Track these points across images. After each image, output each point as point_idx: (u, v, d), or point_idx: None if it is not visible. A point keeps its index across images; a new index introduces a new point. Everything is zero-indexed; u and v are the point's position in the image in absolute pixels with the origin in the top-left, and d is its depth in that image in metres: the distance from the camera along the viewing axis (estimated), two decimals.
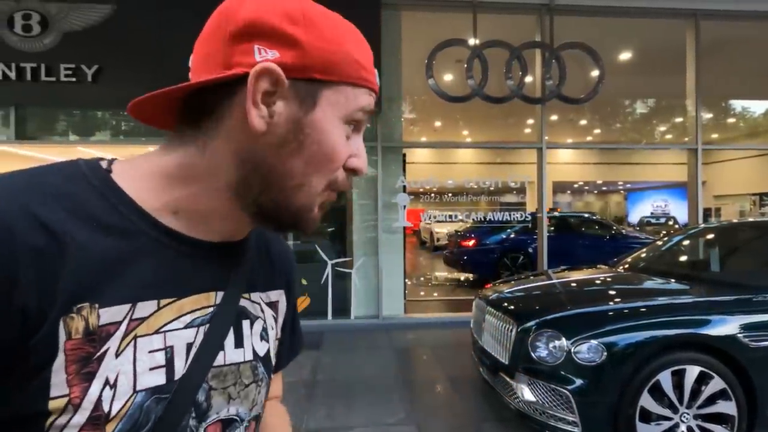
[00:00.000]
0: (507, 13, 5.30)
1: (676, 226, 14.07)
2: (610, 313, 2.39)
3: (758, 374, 2.19)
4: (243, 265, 0.50)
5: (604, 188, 20.31)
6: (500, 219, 6.33)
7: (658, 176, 14.34)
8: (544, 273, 4.27)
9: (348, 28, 0.46)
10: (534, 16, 5.32)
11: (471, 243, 7.44)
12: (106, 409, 0.37)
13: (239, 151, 0.43)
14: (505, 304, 2.82)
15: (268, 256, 0.58)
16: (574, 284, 3.17)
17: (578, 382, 2.20)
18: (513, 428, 2.73)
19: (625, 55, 6.67)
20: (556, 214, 9.17)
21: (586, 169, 16.67)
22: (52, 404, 0.36)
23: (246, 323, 0.50)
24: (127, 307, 0.39)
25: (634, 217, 18.26)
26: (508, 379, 2.52)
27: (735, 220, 3.88)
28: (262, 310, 0.54)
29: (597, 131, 12.10)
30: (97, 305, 0.38)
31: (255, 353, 0.50)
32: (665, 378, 2.18)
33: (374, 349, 4.27)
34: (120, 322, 0.39)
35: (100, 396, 0.37)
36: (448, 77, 6.03)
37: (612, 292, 2.92)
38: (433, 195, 5.90)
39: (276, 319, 0.57)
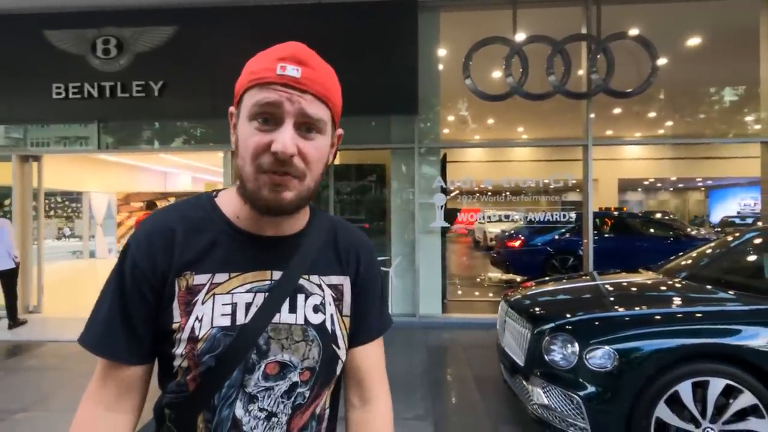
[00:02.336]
0: (550, 7, 5.12)
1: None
2: (626, 319, 2.28)
3: None
4: (302, 253, 0.69)
5: (680, 185, 18.56)
6: (548, 219, 6.12)
7: (742, 172, 12.83)
8: (587, 275, 4.10)
9: (262, 53, 0.63)
10: (579, 7, 5.09)
11: (517, 243, 7.24)
12: (197, 333, 0.62)
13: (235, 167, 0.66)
14: (525, 306, 2.78)
15: (335, 248, 0.75)
16: (602, 288, 3.04)
17: (590, 388, 2.15)
18: None
19: (689, 42, 6.12)
20: (613, 213, 8.57)
21: (658, 165, 15.34)
22: (174, 325, 0.63)
23: (301, 297, 0.68)
24: (209, 275, 0.65)
25: (716, 217, 16.48)
26: (524, 382, 2.51)
27: None
28: (322, 290, 0.71)
29: (668, 123, 11.13)
30: (193, 273, 0.64)
31: (306, 320, 0.68)
32: (685, 389, 2.05)
33: (407, 347, 4.36)
34: (204, 285, 0.64)
35: (193, 325, 0.63)
36: (487, 75, 5.94)
37: (638, 297, 2.76)
38: (484, 194, 5.84)
39: (337, 299, 0.72)
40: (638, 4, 5.07)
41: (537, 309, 2.71)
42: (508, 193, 5.92)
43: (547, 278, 3.81)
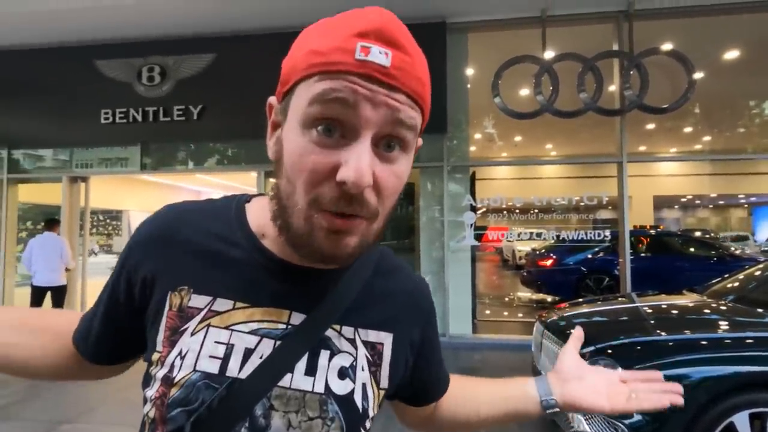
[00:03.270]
0: (580, 24, 5.12)
1: None
2: (670, 344, 2.19)
3: None
4: (338, 293, 0.49)
5: (720, 202, 17.75)
6: (581, 238, 5.97)
7: None
8: (624, 296, 3.96)
9: (329, 21, 0.42)
10: (611, 24, 5.06)
11: (549, 263, 7.07)
12: (174, 373, 0.44)
13: (274, 184, 0.47)
14: (563, 327, 2.71)
15: (382, 294, 0.54)
16: (644, 310, 2.92)
17: (636, 416, 2.05)
18: None
19: (726, 55, 5.96)
20: (650, 231, 8.28)
21: (696, 181, 14.76)
22: (154, 356, 0.47)
23: (325, 354, 0.48)
24: (209, 299, 0.47)
25: (762, 235, 15.62)
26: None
27: None
28: (355, 347, 0.50)
29: (706, 138, 10.75)
30: (192, 290, 0.48)
31: (328, 387, 0.47)
32: (742, 421, 1.93)
33: None
34: (201, 309, 0.47)
35: (173, 361, 0.45)
36: (516, 94, 5.94)
37: (683, 321, 2.64)
38: (514, 212, 5.78)
39: (374, 364, 0.52)
40: (671, 19, 4.99)
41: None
42: (537, 210, 5.82)
43: (581, 299, 3.70)
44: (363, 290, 0.52)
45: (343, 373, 0.49)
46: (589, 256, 6.92)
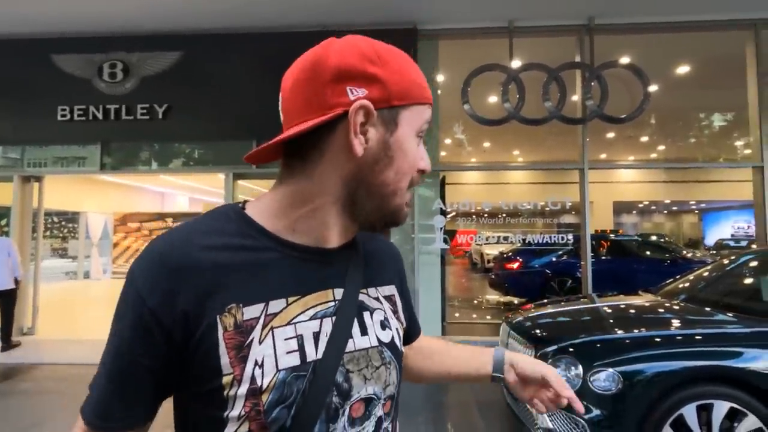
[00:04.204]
0: (544, 36, 5.32)
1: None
2: (627, 341, 2.30)
3: None
4: (356, 265, 0.60)
5: (674, 208, 18.79)
6: (546, 241, 6.17)
7: (736, 195, 13.04)
8: (586, 297, 4.12)
9: (406, 58, 0.56)
10: (573, 37, 5.28)
11: (516, 266, 7.26)
12: (259, 383, 0.48)
13: (343, 172, 0.54)
14: (527, 328, 2.80)
15: (377, 256, 0.66)
16: (603, 310, 3.06)
17: (594, 411, 2.14)
18: None
19: (679, 70, 6.35)
20: (610, 236, 8.65)
21: (652, 188, 15.58)
22: (225, 380, 0.48)
23: (367, 314, 0.59)
24: (262, 305, 0.51)
25: (711, 239, 16.64)
26: (528, 406, 2.49)
27: None
28: (381, 302, 0.62)
29: (661, 148, 11.38)
30: (241, 305, 0.50)
31: (379, 340, 0.58)
32: (690, 412, 2.06)
33: None
34: (258, 318, 0.50)
35: (253, 373, 0.48)
36: (485, 101, 6.09)
37: (639, 320, 2.78)
38: (482, 216, 5.90)
39: (395, 311, 0.65)
40: (629, 35, 5.27)
41: (539, 331, 2.72)
42: (505, 215, 5.98)
43: (545, 300, 3.83)
44: (368, 258, 0.63)
45: (383, 325, 0.60)
46: (554, 259, 7.16)
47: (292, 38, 5.18)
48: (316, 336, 0.52)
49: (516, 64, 5.15)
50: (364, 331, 0.57)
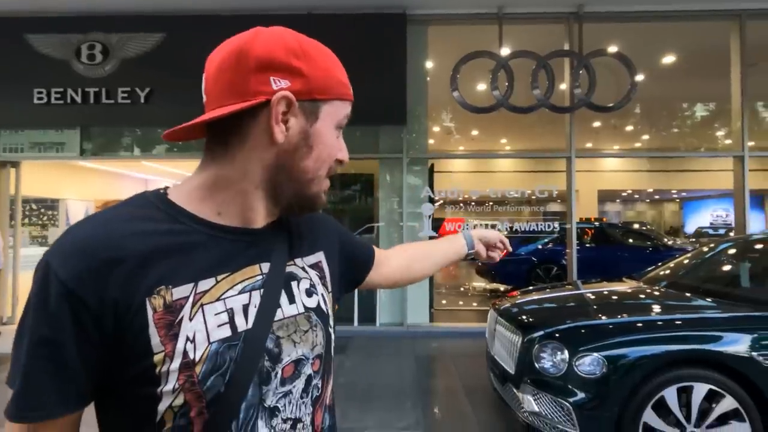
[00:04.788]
0: (534, 23, 5.30)
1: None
2: (611, 327, 2.35)
3: None
4: (281, 241, 0.64)
5: (656, 197, 19.17)
6: (533, 229, 6.24)
7: (715, 184, 13.36)
8: (571, 284, 4.20)
9: (331, 56, 0.61)
10: (562, 24, 5.27)
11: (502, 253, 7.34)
12: (191, 356, 0.51)
13: (264, 158, 0.57)
14: (515, 314, 2.83)
15: (302, 228, 0.71)
16: (588, 296, 3.12)
17: (579, 394, 2.20)
18: None
19: (665, 59, 6.40)
20: (594, 224, 8.80)
21: (635, 177, 15.82)
22: (156, 358, 0.50)
23: (294, 284, 0.64)
24: (191, 285, 0.53)
25: (691, 227, 17.07)
26: (514, 390, 2.54)
27: None
28: (306, 272, 0.67)
29: (645, 137, 11.54)
30: (171, 286, 0.52)
31: (305, 306, 0.63)
32: (671, 394, 2.12)
33: (396, 356, 4.36)
34: (187, 297, 0.53)
35: (185, 348, 0.51)
36: (474, 88, 6.07)
37: (623, 305, 2.85)
38: (470, 204, 5.93)
39: (321, 277, 0.70)
40: (617, 23, 5.28)
41: (527, 317, 2.76)
42: (492, 203, 6.02)
43: (531, 288, 3.88)
44: (294, 232, 0.68)
45: (309, 292, 0.65)
46: (540, 246, 7.26)
47: (279, 21, 4.99)
48: (245, 308, 0.56)
49: (505, 51, 5.13)
50: (291, 300, 0.62)
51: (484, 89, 5.84)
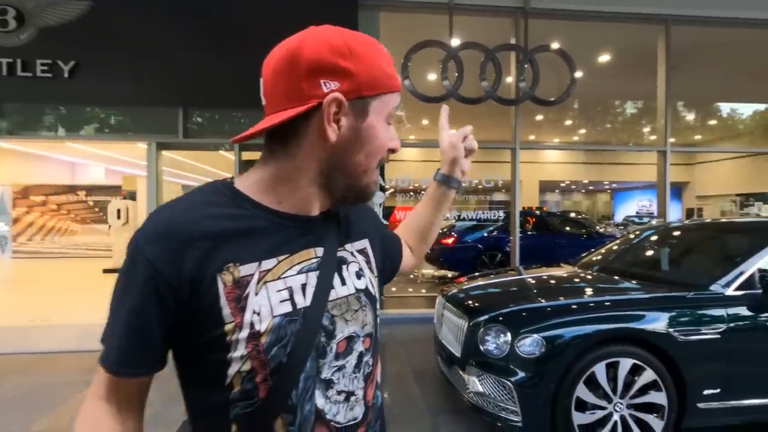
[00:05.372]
0: (483, 16, 5.40)
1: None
2: (549, 309, 2.50)
3: (687, 367, 2.32)
4: (331, 227, 0.70)
5: (591, 187, 20.55)
6: (479, 218, 6.46)
7: (641, 176, 14.55)
8: (514, 270, 4.40)
9: (377, 48, 0.63)
10: (509, 19, 5.42)
11: (450, 241, 7.55)
12: (257, 328, 0.58)
13: (319, 155, 0.62)
14: (461, 299, 2.93)
15: (350, 217, 0.77)
16: (529, 281, 3.29)
17: (520, 374, 2.32)
18: (466, 420, 2.85)
19: (601, 58, 6.81)
20: (536, 213, 9.28)
21: (573, 169, 16.86)
22: (227, 327, 0.57)
23: (345, 267, 0.70)
24: (255, 264, 0.60)
25: (620, 216, 18.52)
26: (460, 372, 2.63)
27: (688, 222, 4.02)
28: (355, 257, 0.73)
29: (582, 131, 12.29)
30: (238, 264, 0.59)
31: (356, 288, 0.69)
32: (600, 370, 2.30)
33: None
34: (252, 274, 0.59)
35: (252, 320, 0.58)
36: (424, 78, 6.12)
37: (560, 289, 3.04)
38: (420, 193, 5.99)
39: (368, 262, 0.76)
40: (559, 20, 5.52)
41: (472, 302, 2.86)
42: None
43: (477, 274, 4.03)
44: (339, 219, 0.73)
45: (358, 275, 0.71)
46: (485, 234, 7.54)
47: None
48: (304, 287, 0.62)
49: (455, 42, 5.20)
50: (343, 282, 0.68)
51: (434, 79, 5.89)
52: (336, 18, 0.74)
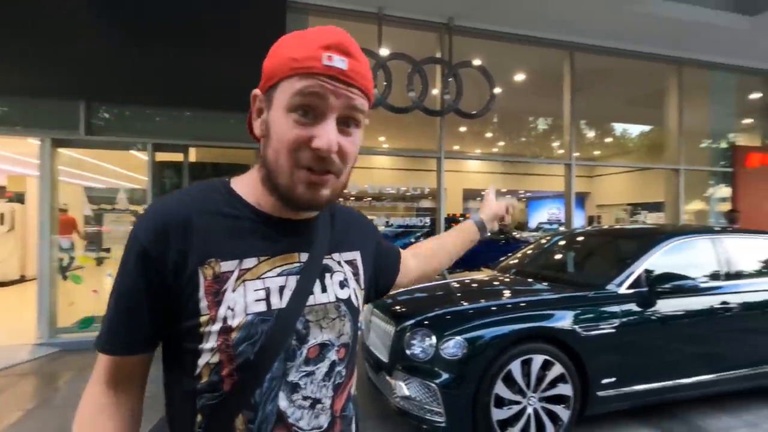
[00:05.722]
0: (410, 28, 5.58)
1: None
2: (471, 311, 2.63)
3: (589, 360, 2.56)
4: (322, 234, 0.70)
5: (509, 196, 22.11)
6: (406, 224, 6.61)
7: (551, 186, 15.98)
8: (439, 275, 4.55)
9: (295, 34, 0.61)
10: (435, 33, 5.67)
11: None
12: (230, 323, 0.59)
13: (262, 155, 0.63)
14: (389, 305, 2.96)
15: (344, 226, 0.77)
16: (453, 285, 3.43)
17: (444, 375, 2.40)
18: (392, 425, 2.87)
19: (517, 77, 7.38)
20: (459, 219, 9.74)
21: (493, 178, 18.00)
22: (202, 319, 0.59)
23: (328, 275, 0.69)
24: (236, 261, 0.61)
25: (534, 223, 20.12)
26: (387, 377, 2.65)
27: (589, 228, 4.48)
28: (342, 266, 0.72)
29: (501, 143, 13.21)
30: (219, 260, 0.61)
31: (337, 297, 0.69)
32: (516, 367, 2.46)
33: None
34: (232, 271, 0.61)
35: (225, 315, 0.59)
36: None
37: (481, 292, 3.21)
38: (348, 199, 5.98)
39: (355, 274, 0.75)
40: (480, 39, 5.88)
41: (399, 308, 2.91)
42: (371, 198, 6.21)
43: None
44: (333, 227, 0.74)
45: (342, 285, 0.71)
46: (413, 240, 7.72)
47: None
48: (281, 289, 0.63)
49: (384, 51, 5.30)
50: (324, 289, 0.68)
51: None
52: (264, 18, 0.72)
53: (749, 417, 3.00)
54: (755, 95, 7.69)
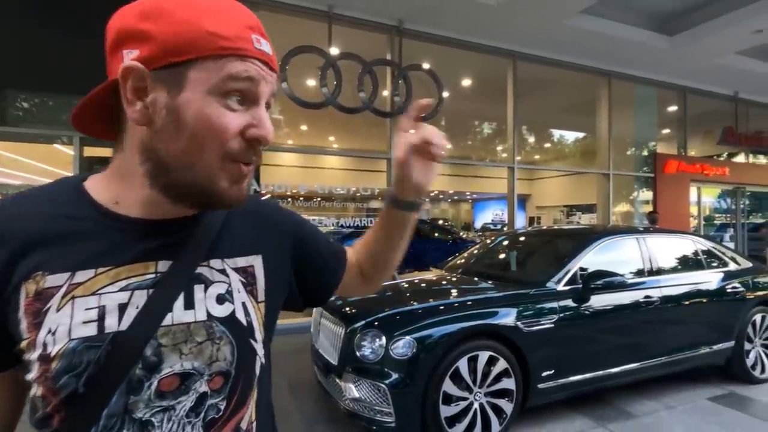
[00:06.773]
0: (361, 29, 5.58)
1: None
2: (420, 311, 2.67)
3: (531, 354, 2.69)
4: (196, 236, 0.57)
5: (456, 197, 22.75)
6: (356, 224, 6.59)
7: (496, 189, 16.67)
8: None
9: (208, 4, 0.49)
10: (386, 35, 5.71)
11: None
12: (49, 350, 0.49)
13: (139, 145, 0.51)
14: (338, 306, 2.93)
15: (238, 225, 0.62)
16: (402, 285, 3.46)
17: (394, 375, 2.41)
18: (342, 427, 2.84)
19: (464, 82, 7.62)
20: None
21: (441, 180, 18.43)
22: (23, 344, 0.50)
23: (199, 287, 0.56)
24: (67, 275, 0.50)
25: (479, 224, 20.89)
26: (337, 380, 2.62)
27: (530, 228, 4.73)
28: (226, 275, 0.59)
29: (448, 146, 13.53)
30: (46, 273, 0.50)
31: (209, 314, 0.56)
32: (463, 364, 2.53)
33: None
34: (60, 286, 0.50)
35: (45, 340, 0.49)
36: (304, 83, 6.06)
37: (430, 291, 3.27)
38: (297, 199, 5.86)
39: (248, 285, 0.60)
40: (429, 43, 6.01)
41: (349, 309, 2.89)
42: (320, 198, 6.14)
43: None
44: (223, 226, 0.60)
45: (221, 299, 0.57)
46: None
47: None
48: (122, 307, 0.52)
49: (334, 51, 5.26)
50: (189, 305, 0.55)
51: (314, 85, 5.86)
52: None
53: (667, 400, 3.30)
54: (672, 108, 8.52)
